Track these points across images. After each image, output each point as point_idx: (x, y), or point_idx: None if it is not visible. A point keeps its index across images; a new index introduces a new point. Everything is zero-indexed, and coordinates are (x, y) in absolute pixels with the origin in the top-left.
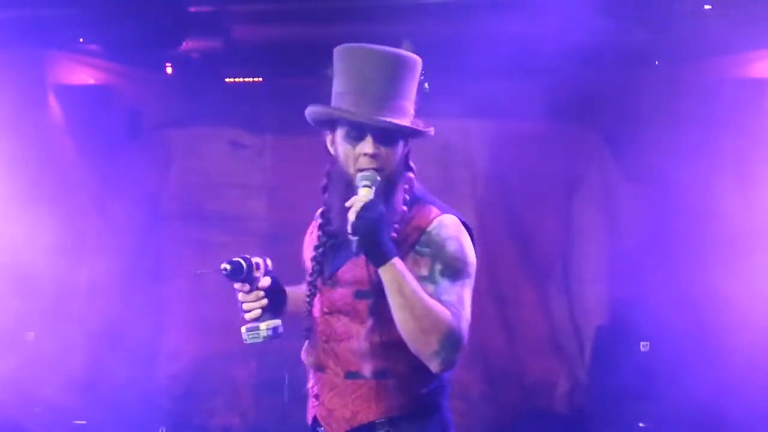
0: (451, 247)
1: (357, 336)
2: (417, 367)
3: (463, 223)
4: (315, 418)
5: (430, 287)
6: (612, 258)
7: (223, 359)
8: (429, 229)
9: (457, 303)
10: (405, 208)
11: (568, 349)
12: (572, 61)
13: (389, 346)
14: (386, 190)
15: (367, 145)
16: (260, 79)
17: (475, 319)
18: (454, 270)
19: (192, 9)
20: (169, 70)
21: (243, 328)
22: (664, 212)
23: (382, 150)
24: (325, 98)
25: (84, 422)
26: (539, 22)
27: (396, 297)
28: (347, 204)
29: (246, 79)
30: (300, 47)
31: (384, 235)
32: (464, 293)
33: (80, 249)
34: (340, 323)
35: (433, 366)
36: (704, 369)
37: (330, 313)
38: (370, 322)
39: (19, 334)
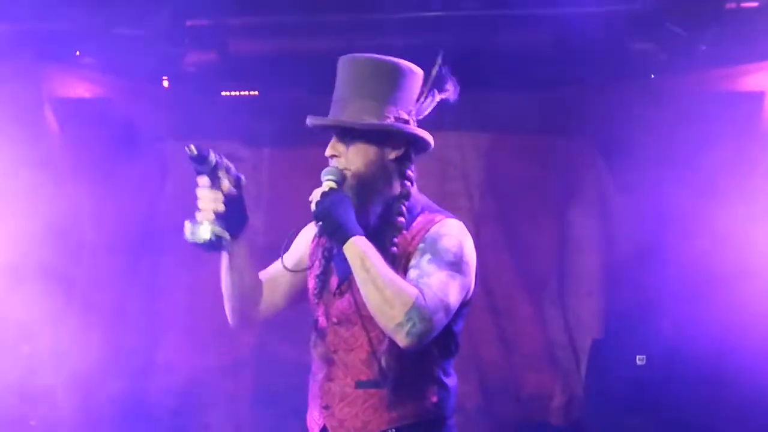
0: (446, 241)
1: (367, 344)
2: (426, 376)
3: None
4: (324, 429)
5: (414, 272)
6: (608, 271)
7: (218, 372)
8: (431, 229)
9: (434, 285)
10: (402, 219)
11: (564, 362)
12: (568, 74)
13: (399, 354)
14: (358, 189)
15: (328, 147)
16: (257, 92)
17: (470, 332)
18: (442, 260)
19: (189, 23)
20: (165, 84)
21: (187, 222)
22: (661, 225)
23: (343, 149)
24: (321, 112)
25: None
26: (535, 35)
27: (359, 272)
28: (310, 198)
29: (242, 93)
30: (297, 61)
31: (343, 215)
32: (448, 281)
33: (75, 262)
34: (349, 333)
35: (400, 339)
36: (701, 383)
37: (338, 323)
38: (379, 330)
39: (15, 347)
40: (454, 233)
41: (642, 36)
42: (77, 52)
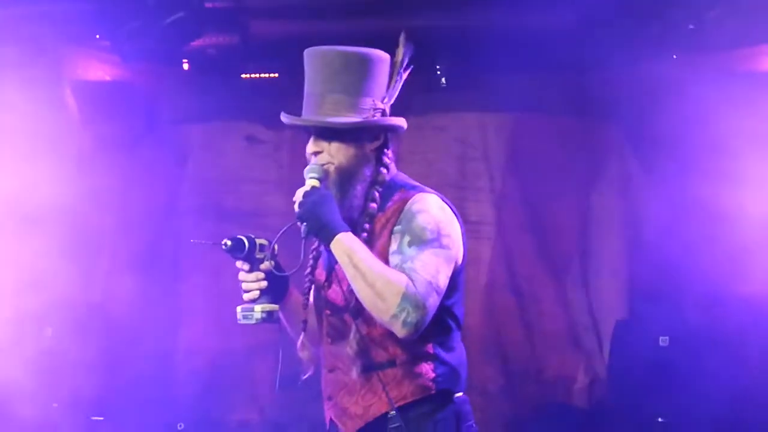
0: (420, 218)
1: (359, 330)
2: (421, 353)
3: (448, 205)
4: (332, 420)
5: (397, 258)
6: (631, 252)
7: (241, 354)
8: (405, 208)
9: (419, 268)
10: (374, 205)
11: (587, 343)
12: (590, 55)
13: (391, 335)
14: (340, 183)
15: (309, 145)
16: (276, 74)
17: (493, 314)
18: (422, 240)
19: (209, 4)
20: (185, 66)
21: (239, 308)
22: (684, 206)
23: (326, 146)
24: None
25: (102, 418)
26: (558, 16)
27: (348, 269)
28: (293, 199)
29: (262, 75)
30: (316, 43)
31: (327, 213)
32: (431, 260)
33: (98, 245)
34: (341, 322)
35: (397, 329)
36: (724, 364)
37: (332, 314)
38: (368, 315)
39: (37, 330)
40: (427, 208)
41: (663, 17)
42: (97, 35)
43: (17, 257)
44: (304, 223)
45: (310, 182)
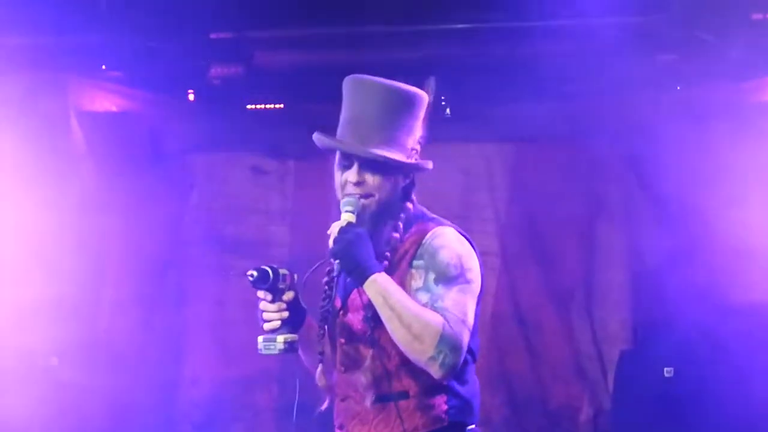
0: (443, 254)
1: (373, 360)
2: (435, 385)
3: (465, 237)
4: None
5: (425, 296)
6: (636, 282)
7: (244, 384)
8: (423, 241)
9: (451, 307)
10: (397, 235)
11: (592, 374)
12: (594, 84)
13: (405, 366)
14: (375, 217)
15: (352, 174)
16: (281, 105)
17: (498, 344)
18: (447, 277)
19: (214, 36)
20: (191, 97)
21: (260, 338)
22: (689, 237)
23: (369, 178)
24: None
25: None
26: (561, 46)
27: (383, 310)
28: (328, 232)
29: (268, 106)
30: (321, 73)
31: (361, 254)
32: (460, 298)
33: (102, 274)
34: (357, 351)
35: (434, 371)
36: (729, 395)
37: (346, 343)
38: (383, 345)
39: (42, 360)
40: (448, 243)
41: (668, 47)
42: (103, 66)
43: (22, 287)
44: (338, 261)
45: (346, 216)
